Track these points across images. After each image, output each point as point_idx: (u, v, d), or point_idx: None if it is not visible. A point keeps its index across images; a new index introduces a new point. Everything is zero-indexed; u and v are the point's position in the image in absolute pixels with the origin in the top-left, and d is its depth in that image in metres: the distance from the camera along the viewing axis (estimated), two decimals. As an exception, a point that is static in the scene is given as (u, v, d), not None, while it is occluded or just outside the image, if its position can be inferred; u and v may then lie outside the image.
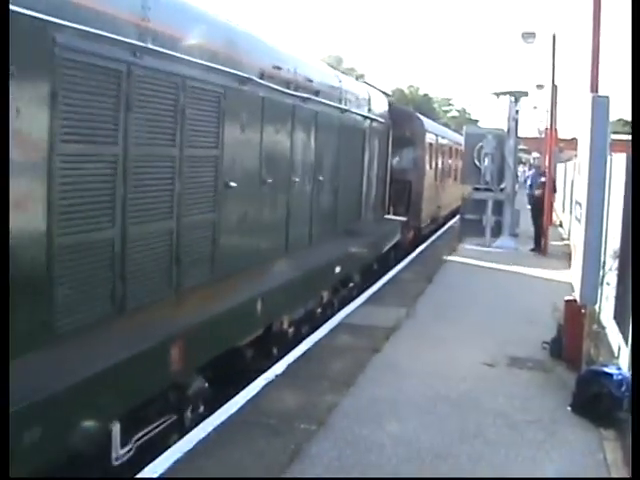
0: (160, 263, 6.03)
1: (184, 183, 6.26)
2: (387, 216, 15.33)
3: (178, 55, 5.99)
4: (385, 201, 15.00)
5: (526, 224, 19.64)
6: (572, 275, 8.37)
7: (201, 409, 6.45)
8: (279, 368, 7.76)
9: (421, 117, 19.80)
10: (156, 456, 5.44)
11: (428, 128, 20.00)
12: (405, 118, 17.79)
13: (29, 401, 4.04)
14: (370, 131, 13.06)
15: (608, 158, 7.77)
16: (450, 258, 17.12)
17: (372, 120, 13.22)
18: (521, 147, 29.11)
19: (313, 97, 9.71)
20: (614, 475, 5.63)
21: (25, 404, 3.97)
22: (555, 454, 5.94)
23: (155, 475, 5.18)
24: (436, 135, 21.52)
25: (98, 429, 4.77)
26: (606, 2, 9.32)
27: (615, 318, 8.84)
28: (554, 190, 20.13)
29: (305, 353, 8.47)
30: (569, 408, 6.86)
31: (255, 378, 7.36)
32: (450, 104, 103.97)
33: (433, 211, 21.21)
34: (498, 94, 19.57)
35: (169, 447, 5.66)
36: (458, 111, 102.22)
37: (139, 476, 5.16)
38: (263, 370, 7.63)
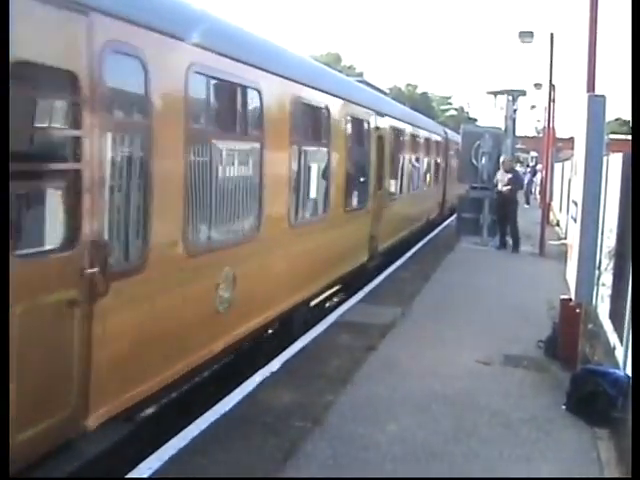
0: None
1: None
2: None
3: None
4: None
5: (524, 222, 19.62)
6: (567, 274, 8.38)
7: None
8: (275, 365, 7.77)
9: None
10: (150, 453, 5.46)
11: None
12: None
13: None
14: None
15: (604, 158, 7.78)
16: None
17: None
18: (519, 146, 29.12)
19: None
20: (607, 474, 5.65)
21: None
22: (549, 453, 5.95)
23: (150, 471, 5.18)
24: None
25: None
26: (603, 1, 9.31)
27: (610, 317, 8.86)
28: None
29: (301, 350, 8.49)
30: (564, 407, 6.88)
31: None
32: (449, 103, 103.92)
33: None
34: (496, 93, 19.67)
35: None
36: (456, 110, 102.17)
37: (131, 475, 5.15)
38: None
